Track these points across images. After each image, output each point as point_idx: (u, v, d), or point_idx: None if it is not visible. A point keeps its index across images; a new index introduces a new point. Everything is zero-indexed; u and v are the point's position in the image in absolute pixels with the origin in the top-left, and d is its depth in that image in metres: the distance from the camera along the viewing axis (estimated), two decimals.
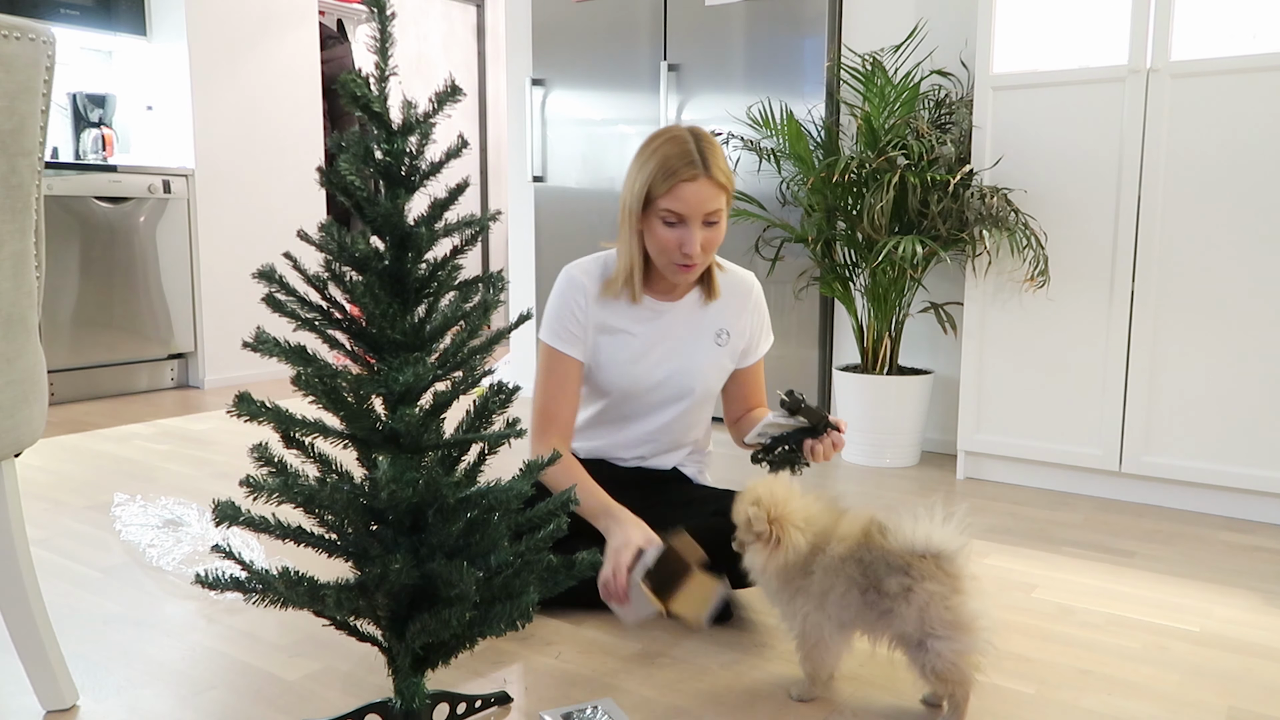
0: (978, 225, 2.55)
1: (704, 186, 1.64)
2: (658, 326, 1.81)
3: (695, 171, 1.63)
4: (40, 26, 1.22)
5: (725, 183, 1.67)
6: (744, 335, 1.86)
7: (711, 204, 1.66)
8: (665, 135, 1.68)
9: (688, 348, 1.82)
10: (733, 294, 1.85)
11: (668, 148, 1.65)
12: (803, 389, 3.32)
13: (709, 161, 1.65)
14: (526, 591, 1.21)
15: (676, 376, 1.83)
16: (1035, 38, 2.61)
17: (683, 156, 1.64)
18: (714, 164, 1.65)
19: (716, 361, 1.85)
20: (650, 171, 1.65)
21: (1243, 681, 1.53)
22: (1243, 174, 2.31)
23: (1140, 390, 2.48)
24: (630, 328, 1.80)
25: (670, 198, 1.64)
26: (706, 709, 1.41)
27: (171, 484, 2.67)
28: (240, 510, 1.10)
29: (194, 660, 1.58)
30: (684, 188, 1.63)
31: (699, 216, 1.65)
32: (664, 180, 1.64)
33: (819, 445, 1.65)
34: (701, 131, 1.69)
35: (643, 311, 1.80)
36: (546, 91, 3.83)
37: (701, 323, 1.83)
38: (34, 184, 1.26)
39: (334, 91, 4.52)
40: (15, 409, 1.27)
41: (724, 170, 1.67)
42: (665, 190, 1.64)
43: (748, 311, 1.86)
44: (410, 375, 1.11)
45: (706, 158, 1.65)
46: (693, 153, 1.64)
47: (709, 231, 1.68)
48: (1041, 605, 1.84)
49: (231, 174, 4.32)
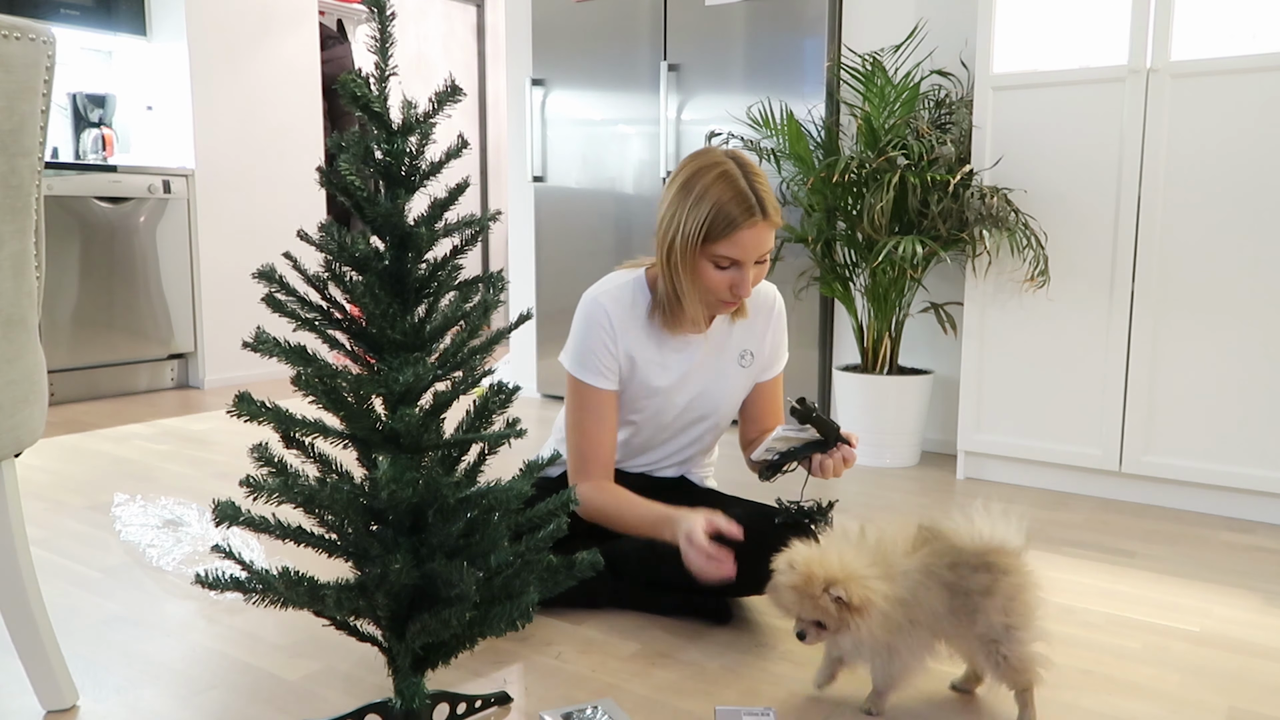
0: (978, 225, 2.55)
1: (762, 230, 1.59)
2: (687, 355, 1.77)
3: (755, 219, 1.57)
4: (40, 26, 1.22)
5: (779, 220, 1.62)
6: (764, 352, 1.83)
7: (767, 245, 1.61)
8: (712, 170, 1.59)
9: (714, 372, 1.79)
10: (757, 311, 1.80)
11: (720, 190, 1.57)
12: (809, 394, 3.32)
13: (765, 203, 1.58)
14: (526, 591, 1.21)
15: (700, 400, 1.80)
16: (1035, 38, 2.61)
17: (740, 201, 1.56)
18: (769, 204, 1.59)
19: (740, 383, 1.83)
20: (707, 216, 1.57)
21: (1243, 681, 1.53)
22: (1243, 174, 2.31)
23: (1140, 390, 2.48)
24: (663, 358, 1.75)
25: (728, 244, 1.58)
26: (706, 709, 1.41)
27: (171, 484, 2.67)
28: (240, 510, 1.10)
29: (194, 660, 1.58)
30: (744, 235, 1.57)
31: (754, 259, 1.61)
32: (724, 229, 1.57)
33: (829, 461, 1.61)
34: (744, 159, 1.62)
35: (677, 343, 1.75)
36: (546, 91, 3.83)
37: (727, 345, 1.79)
38: (34, 184, 1.26)
39: (334, 91, 4.52)
40: (15, 409, 1.27)
41: (777, 206, 1.61)
42: (724, 238, 1.57)
43: (770, 329, 1.82)
44: (410, 375, 1.11)
45: (763, 199, 1.58)
46: (748, 195, 1.57)
47: (759, 269, 1.64)
48: (1042, 605, 1.84)
49: (231, 174, 4.32)
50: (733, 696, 1.46)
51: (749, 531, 1.67)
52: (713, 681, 1.50)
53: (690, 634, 1.68)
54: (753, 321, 1.80)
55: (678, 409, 1.80)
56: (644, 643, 1.64)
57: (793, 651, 1.61)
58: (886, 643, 1.31)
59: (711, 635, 1.67)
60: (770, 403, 1.87)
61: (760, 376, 1.85)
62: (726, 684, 1.50)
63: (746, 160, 1.62)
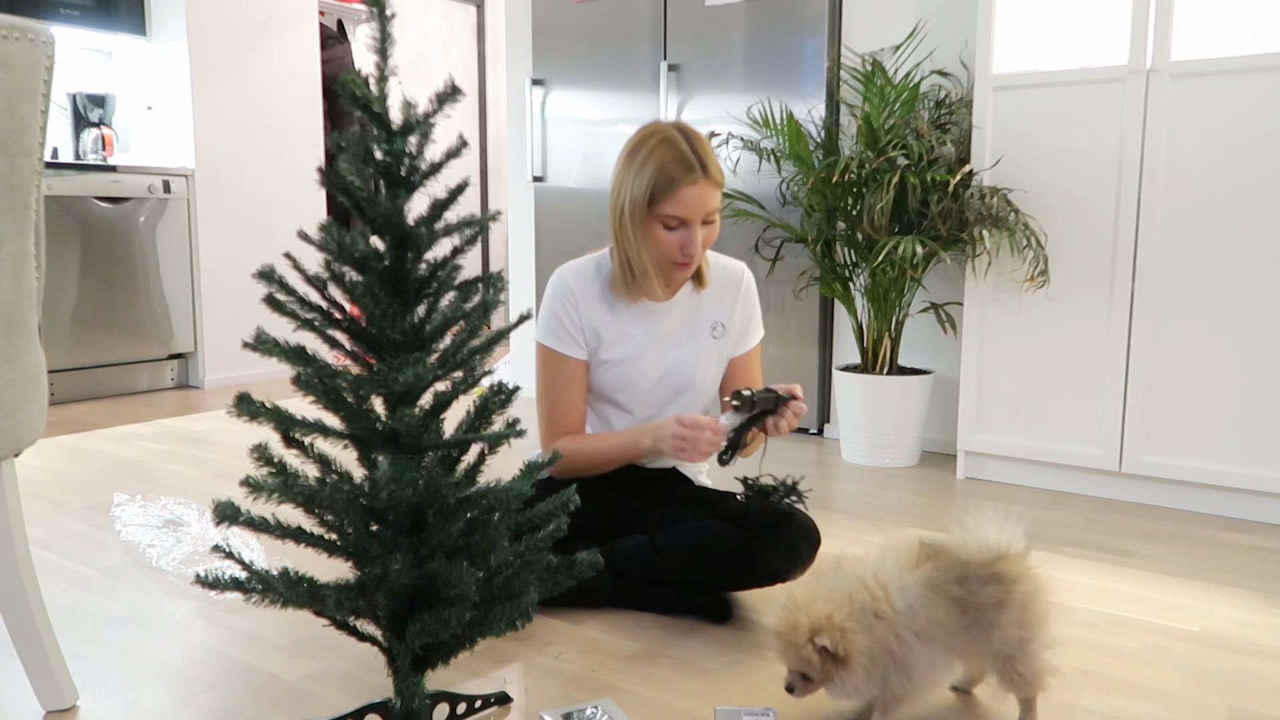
0: (978, 225, 2.55)
1: (704, 189, 1.66)
2: (653, 324, 1.82)
3: (695, 176, 1.64)
4: (40, 26, 1.22)
5: (721, 180, 1.69)
6: (736, 325, 1.88)
7: (711, 204, 1.68)
8: (655, 138, 1.67)
9: (685, 343, 1.83)
10: (724, 285, 1.86)
11: (662, 152, 1.65)
12: (810, 394, 3.32)
13: (706, 163, 1.66)
14: (526, 591, 1.21)
15: (674, 371, 1.83)
16: (1035, 38, 2.61)
17: (680, 161, 1.64)
18: (710, 164, 1.67)
19: (715, 355, 1.86)
20: (649, 178, 1.65)
21: (1243, 681, 1.53)
22: (1243, 174, 2.31)
23: (1140, 390, 2.48)
24: (627, 327, 1.80)
25: (672, 203, 1.65)
26: (706, 709, 1.41)
27: (171, 484, 2.67)
28: (240, 510, 1.10)
29: (194, 660, 1.58)
30: (686, 193, 1.64)
31: (700, 218, 1.67)
32: (666, 188, 1.64)
33: (780, 420, 1.63)
34: (688, 128, 1.70)
35: (638, 311, 1.81)
36: (546, 91, 3.83)
37: (697, 317, 1.84)
38: (34, 184, 1.26)
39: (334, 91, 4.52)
40: (15, 409, 1.27)
41: (719, 168, 1.69)
42: (667, 196, 1.65)
43: (739, 303, 1.87)
44: (410, 375, 1.11)
45: (704, 159, 1.66)
46: (689, 155, 1.65)
47: (707, 230, 1.71)
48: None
49: (231, 174, 4.32)
50: (733, 696, 1.46)
51: (742, 534, 1.68)
52: (713, 681, 1.50)
53: (690, 634, 1.68)
54: (721, 294, 1.85)
55: (652, 380, 1.82)
56: (644, 643, 1.64)
57: None
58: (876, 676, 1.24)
59: (711, 635, 1.67)
60: (747, 378, 1.91)
61: (735, 350, 1.89)
62: (726, 684, 1.50)
63: (690, 128, 1.69)
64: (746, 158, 3.31)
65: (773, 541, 1.68)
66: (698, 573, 1.72)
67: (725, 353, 1.88)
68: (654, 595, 1.76)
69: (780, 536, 1.69)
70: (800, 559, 1.71)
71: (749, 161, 3.31)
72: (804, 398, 1.65)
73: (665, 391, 1.84)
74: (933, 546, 1.29)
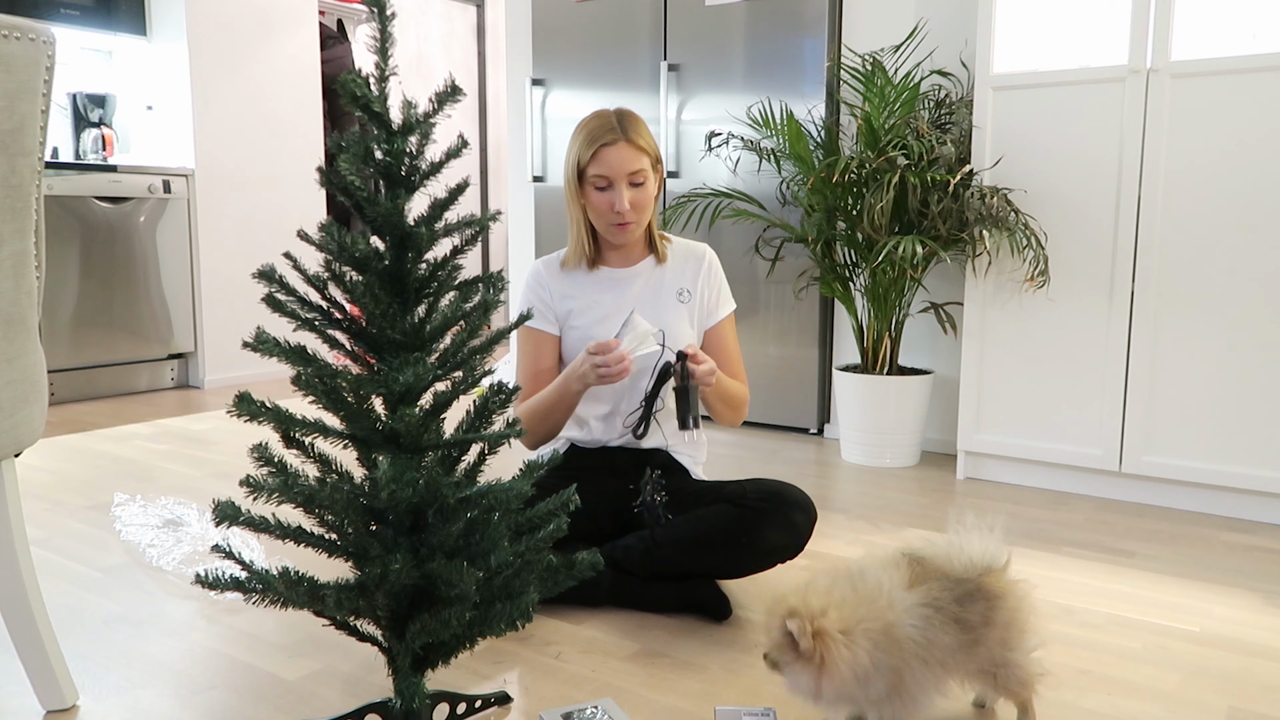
0: (978, 225, 2.55)
1: (623, 149, 1.80)
2: (619, 292, 1.91)
3: (614, 136, 1.80)
4: (40, 26, 1.22)
5: (645, 146, 1.82)
6: (703, 295, 1.95)
7: (633, 164, 1.80)
8: (592, 115, 1.86)
9: (652, 307, 1.89)
10: (686, 258, 1.96)
11: (592, 122, 1.83)
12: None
13: (627, 128, 1.81)
14: (526, 591, 1.21)
15: None
16: (1035, 38, 2.61)
17: (603, 126, 1.81)
18: (630, 129, 1.82)
19: (684, 318, 1.91)
20: (578, 145, 1.83)
21: (1243, 681, 1.53)
22: (1243, 174, 2.31)
23: (1140, 390, 2.48)
24: (593, 296, 1.91)
25: (596, 163, 1.80)
26: (706, 709, 1.41)
27: (171, 484, 2.67)
28: (240, 510, 1.10)
29: (194, 660, 1.58)
30: (606, 152, 1.79)
31: (624, 177, 1.80)
32: (588, 148, 1.80)
33: (691, 380, 1.69)
34: (625, 109, 1.87)
35: (602, 280, 1.91)
36: (546, 91, 3.83)
37: (662, 282, 1.93)
38: (34, 184, 1.26)
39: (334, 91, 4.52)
40: (15, 409, 1.27)
41: (643, 136, 1.83)
42: (590, 157, 1.80)
43: (703, 274, 1.95)
44: (410, 375, 1.11)
45: (625, 124, 1.82)
46: (612, 122, 1.82)
47: (636, 192, 1.82)
48: (1041, 605, 1.84)
49: (231, 174, 4.32)
50: (733, 696, 1.46)
51: (740, 512, 1.70)
52: (713, 681, 1.50)
53: (690, 634, 1.68)
54: (684, 265, 1.95)
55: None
56: (644, 643, 1.64)
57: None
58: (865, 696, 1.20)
59: (712, 635, 1.67)
60: (722, 351, 1.96)
61: (707, 320, 1.96)
62: (726, 684, 1.50)
63: (626, 110, 1.87)
64: (746, 158, 3.31)
65: (770, 517, 1.72)
66: (700, 559, 1.73)
67: (697, 320, 1.94)
68: (654, 594, 1.76)
69: (778, 512, 1.73)
70: (799, 533, 1.74)
71: (749, 161, 3.31)
72: (696, 354, 1.71)
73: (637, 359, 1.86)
74: (919, 562, 1.26)
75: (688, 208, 3.30)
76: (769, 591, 1.84)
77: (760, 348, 3.40)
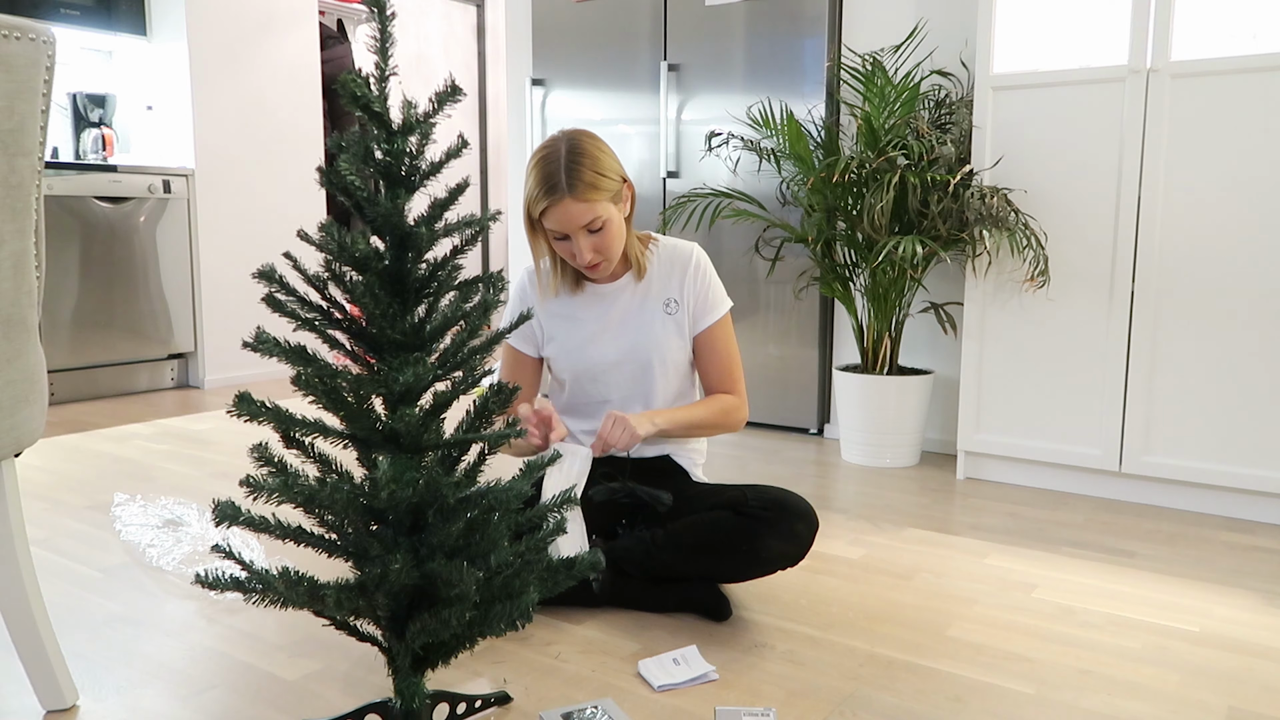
0: (978, 225, 2.55)
1: (570, 206, 1.67)
2: (604, 308, 1.86)
3: (558, 195, 1.67)
4: (40, 26, 1.22)
5: (592, 196, 1.68)
6: (690, 300, 1.87)
7: (583, 218, 1.69)
8: (540, 153, 1.72)
9: (638, 321, 1.85)
10: (672, 264, 1.87)
11: (537, 170, 1.70)
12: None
13: (572, 181, 1.66)
14: (526, 591, 1.21)
15: (634, 351, 1.85)
16: (1035, 38, 2.61)
17: (547, 181, 1.67)
18: (575, 181, 1.66)
19: (671, 330, 1.86)
20: (526, 195, 1.72)
21: (1243, 681, 1.53)
22: (1243, 174, 2.31)
23: (1140, 390, 2.48)
24: (577, 314, 1.86)
25: (547, 219, 1.71)
26: (706, 709, 1.41)
27: (171, 484, 2.67)
28: (240, 510, 1.10)
29: (194, 660, 1.58)
30: (552, 212, 1.69)
31: (578, 231, 1.70)
32: (536, 205, 1.70)
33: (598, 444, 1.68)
34: (577, 141, 1.71)
35: (587, 297, 1.87)
36: (546, 91, 3.83)
37: (648, 295, 1.86)
38: (34, 184, 1.26)
39: (334, 91, 4.51)
40: (15, 409, 1.27)
41: (588, 183, 1.67)
42: (540, 213, 1.71)
43: (689, 279, 1.86)
44: (410, 375, 1.11)
45: (571, 177, 1.66)
46: (557, 175, 1.67)
47: (596, 238, 1.72)
48: (1041, 605, 1.84)
49: (231, 174, 4.32)
50: (733, 696, 1.46)
51: (742, 520, 1.70)
52: (713, 681, 1.50)
53: (691, 634, 1.68)
54: (669, 273, 1.88)
55: (610, 360, 1.85)
56: (644, 643, 1.64)
57: (793, 651, 1.61)
58: None
59: (711, 635, 1.67)
60: (714, 355, 1.89)
61: (697, 326, 1.88)
62: (726, 684, 1.50)
63: (578, 142, 1.71)
64: (746, 158, 3.31)
65: (772, 527, 1.70)
66: (700, 564, 1.73)
67: (686, 329, 1.88)
68: (653, 594, 1.76)
69: (780, 522, 1.71)
70: (801, 543, 1.73)
71: (749, 161, 3.31)
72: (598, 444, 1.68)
73: (630, 370, 1.86)
74: None
75: (687, 208, 3.30)
76: (769, 592, 1.86)
77: (760, 348, 3.40)
